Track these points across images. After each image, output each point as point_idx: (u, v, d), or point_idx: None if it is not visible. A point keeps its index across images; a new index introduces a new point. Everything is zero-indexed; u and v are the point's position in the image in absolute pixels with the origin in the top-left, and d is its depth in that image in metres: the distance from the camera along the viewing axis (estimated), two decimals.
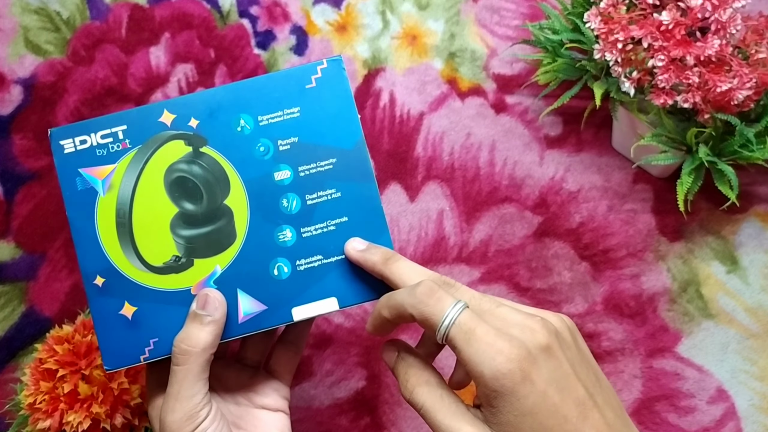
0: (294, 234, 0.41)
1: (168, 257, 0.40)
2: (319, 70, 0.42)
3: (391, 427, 0.56)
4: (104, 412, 0.46)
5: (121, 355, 0.40)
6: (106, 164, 0.41)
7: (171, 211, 0.41)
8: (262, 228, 0.41)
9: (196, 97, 0.42)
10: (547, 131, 0.62)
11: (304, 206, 0.41)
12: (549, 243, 0.59)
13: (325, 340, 0.58)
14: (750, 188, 0.59)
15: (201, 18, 0.67)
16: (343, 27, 0.66)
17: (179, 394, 0.37)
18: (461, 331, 0.32)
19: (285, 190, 0.41)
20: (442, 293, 0.34)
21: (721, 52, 0.48)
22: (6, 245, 0.61)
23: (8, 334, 0.59)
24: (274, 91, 0.42)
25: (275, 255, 0.41)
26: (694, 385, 0.55)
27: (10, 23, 0.67)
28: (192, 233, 0.41)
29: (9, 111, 0.64)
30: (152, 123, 0.41)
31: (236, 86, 0.42)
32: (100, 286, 0.40)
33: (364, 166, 0.41)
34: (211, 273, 0.40)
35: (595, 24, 0.52)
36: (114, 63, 0.65)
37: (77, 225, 0.40)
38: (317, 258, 0.41)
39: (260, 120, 0.41)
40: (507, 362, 0.31)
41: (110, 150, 0.41)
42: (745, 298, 0.57)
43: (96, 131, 0.41)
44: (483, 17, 0.66)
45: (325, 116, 0.42)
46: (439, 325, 0.33)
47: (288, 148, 0.41)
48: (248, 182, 0.41)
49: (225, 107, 0.41)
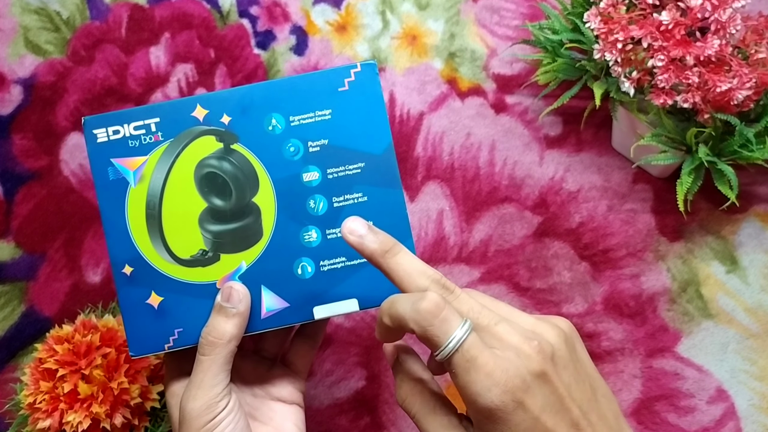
0: (319, 235, 0.41)
1: (195, 251, 0.41)
2: (352, 73, 0.42)
3: (390, 427, 0.56)
4: (104, 412, 0.46)
5: (147, 342, 0.41)
6: (138, 156, 0.41)
7: (200, 205, 0.41)
8: (289, 227, 0.41)
9: (229, 94, 0.42)
10: (547, 131, 0.62)
11: (330, 208, 0.41)
12: (549, 243, 0.59)
13: (325, 340, 0.58)
14: (750, 188, 0.59)
15: (201, 18, 0.67)
16: (343, 27, 0.66)
17: (202, 382, 0.38)
18: (464, 359, 0.31)
19: (313, 191, 0.42)
20: (448, 312, 0.32)
21: (720, 52, 0.48)
22: (6, 245, 0.61)
23: (8, 333, 0.59)
24: (306, 92, 0.42)
25: (300, 254, 0.41)
26: (693, 385, 0.55)
27: (10, 23, 0.67)
28: (220, 229, 0.41)
29: (9, 111, 0.64)
30: (185, 117, 0.41)
31: (269, 85, 0.42)
32: (128, 275, 0.41)
33: (391, 172, 0.42)
34: (236, 268, 0.41)
35: (595, 24, 0.52)
36: (114, 63, 0.65)
37: (108, 214, 0.41)
38: (341, 260, 0.41)
39: (291, 120, 0.42)
40: (502, 394, 0.31)
41: (143, 142, 0.41)
42: (744, 298, 0.57)
43: (129, 122, 0.41)
44: (483, 17, 0.66)
45: (355, 120, 0.42)
46: (443, 347, 0.32)
47: (318, 150, 0.42)
48: (277, 182, 0.41)
49: (257, 105, 0.42)
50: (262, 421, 0.43)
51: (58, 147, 0.63)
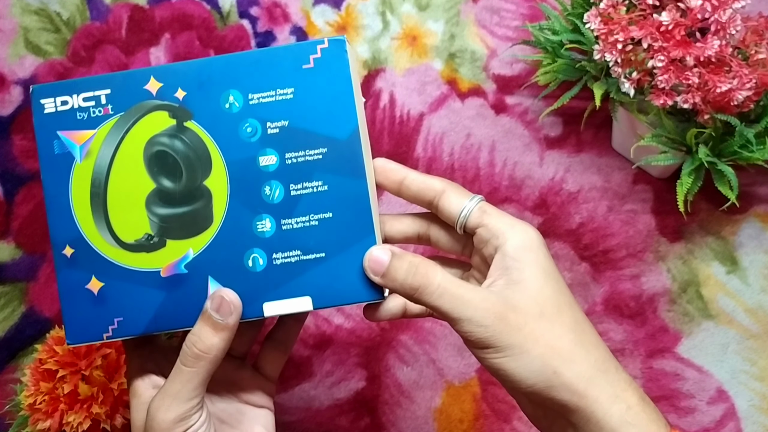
0: (273, 225, 0.38)
1: (140, 234, 0.38)
2: (319, 49, 0.38)
3: (390, 427, 0.56)
4: (104, 413, 0.46)
5: (84, 330, 0.38)
6: (86, 129, 0.38)
7: (148, 186, 0.38)
8: (241, 215, 0.38)
9: (185, 66, 0.38)
10: (547, 132, 0.62)
11: (287, 196, 0.38)
12: (549, 243, 0.59)
13: (325, 341, 0.58)
14: (750, 189, 0.59)
15: (201, 19, 0.67)
16: (343, 28, 0.66)
17: (179, 394, 0.36)
18: (489, 208, 0.38)
19: (269, 176, 0.38)
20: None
21: (720, 53, 0.48)
22: (6, 246, 0.61)
23: (8, 334, 0.59)
24: (268, 67, 0.38)
25: (252, 245, 0.38)
26: (694, 386, 0.55)
27: (10, 24, 0.67)
28: (167, 212, 0.38)
29: (9, 111, 0.64)
30: (137, 90, 0.38)
31: (229, 58, 0.39)
32: (68, 257, 0.38)
33: (355, 160, 0.38)
34: (183, 256, 0.38)
35: (595, 25, 0.52)
36: (114, 64, 0.65)
37: (50, 190, 0.38)
38: (295, 253, 0.38)
39: (250, 98, 0.38)
40: (532, 230, 0.37)
41: (91, 114, 0.38)
42: (745, 298, 0.57)
43: (78, 93, 0.38)
44: (483, 18, 0.66)
45: (319, 101, 0.38)
46: (469, 200, 0.39)
47: (276, 132, 0.38)
48: (231, 164, 0.38)
49: (215, 80, 0.38)
50: (230, 424, 0.41)
51: None
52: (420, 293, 0.35)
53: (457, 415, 0.56)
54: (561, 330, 0.35)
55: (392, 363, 0.57)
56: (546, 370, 0.34)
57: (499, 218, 0.37)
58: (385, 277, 0.36)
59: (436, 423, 0.56)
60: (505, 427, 0.55)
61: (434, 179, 0.39)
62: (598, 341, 0.36)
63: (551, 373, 0.34)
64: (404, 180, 0.39)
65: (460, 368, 0.57)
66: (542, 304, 0.35)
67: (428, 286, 0.35)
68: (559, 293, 0.36)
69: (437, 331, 0.58)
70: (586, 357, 0.35)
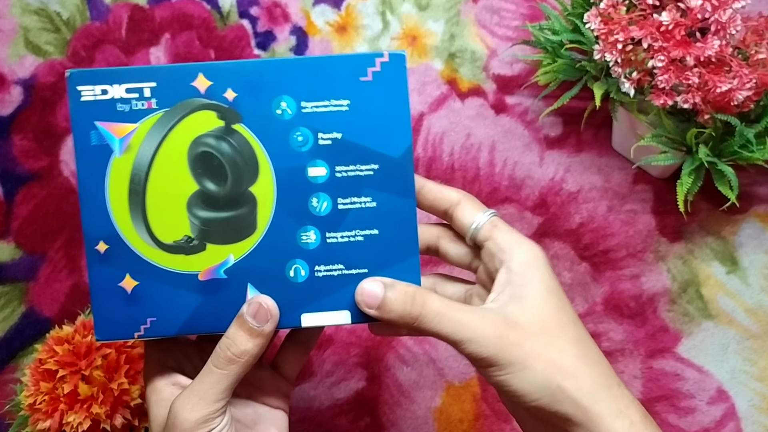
0: (318, 237, 0.37)
1: (180, 236, 0.37)
2: (378, 63, 0.37)
3: (391, 427, 0.56)
4: (104, 413, 0.46)
5: (115, 328, 0.37)
6: (127, 122, 0.37)
7: (191, 187, 0.37)
8: (286, 224, 0.37)
9: (237, 66, 0.37)
10: (547, 132, 0.62)
11: (334, 210, 0.37)
12: (549, 243, 0.59)
13: (325, 341, 0.58)
14: (750, 189, 0.59)
15: (201, 19, 0.67)
16: (343, 28, 0.66)
17: (206, 395, 0.36)
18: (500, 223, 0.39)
19: (317, 188, 0.37)
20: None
21: (720, 53, 0.48)
22: (6, 246, 0.61)
23: (8, 334, 0.59)
24: (324, 76, 0.37)
25: (294, 255, 0.37)
26: (694, 386, 0.55)
27: (11, 24, 0.67)
28: (210, 216, 0.37)
29: (9, 111, 0.64)
30: (184, 86, 0.37)
31: (284, 63, 0.37)
32: (101, 253, 0.37)
33: (406, 179, 0.38)
34: (223, 261, 0.37)
35: (595, 25, 0.52)
36: (114, 64, 0.65)
37: (85, 183, 0.37)
38: (338, 267, 0.38)
39: (303, 106, 0.37)
40: (538, 249, 0.38)
41: (133, 107, 0.37)
42: (745, 298, 0.57)
43: (120, 82, 0.36)
44: (483, 18, 0.66)
45: (375, 116, 0.37)
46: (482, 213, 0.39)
47: (328, 144, 0.37)
48: (279, 172, 0.37)
49: (267, 84, 0.37)
50: (246, 424, 0.41)
51: (58, 148, 0.63)
52: (419, 322, 0.35)
53: (457, 415, 0.56)
54: (563, 346, 0.35)
55: (392, 363, 0.57)
56: (550, 385, 0.34)
57: (508, 234, 0.38)
58: (381, 309, 0.36)
59: (436, 423, 0.56)
60: (505, 427, 0.55)
61: (451, 190, 0.40)
62: (600, 357, 0.36)
63: (555, 387, 0.34)
64: (422, 189, 0.40)
65: (460, 368, 0.57)
66: (544, 321, 0.36)
67: (426, 314, 0.35)
68: (562, 310, 0.36)
69: None
70: (590, 373, 0.35)
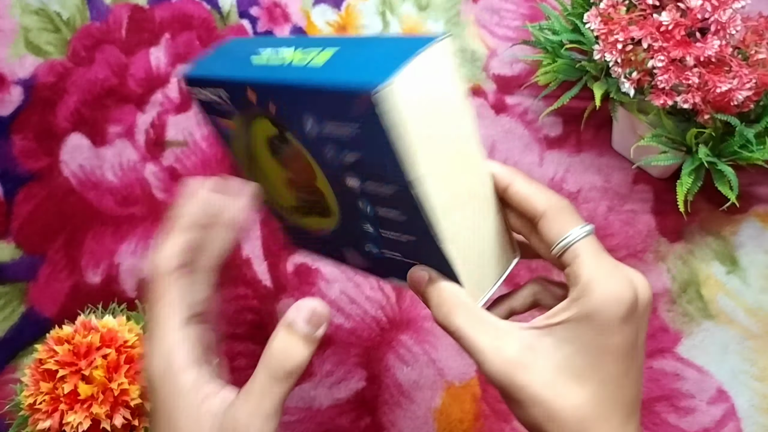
0: (374, 230, 0.38)
1: (288, 204, 0.43)
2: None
3: (391, 427, 0.56)
4: (104, 413, 0.46)
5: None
6: (226, 118, 0.40)
7: (282, 171, 0.41)
8: (350, 214, 0.39)
9: (271, 83, 0.36)
10: (547, 132, 0.62)
11: (375, 214, 0.37)
12: None
13: (325, 341, 0.58)
14: (750, 189, 0.59)
15: (201, 19, 0.67)
16: (343, 28, 0.66)
17: (272, 411, 0.33)
18: (591, 243, 0.33)
19: (358, 194, 0.37)
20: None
21: (720, 53, 0.48)
22: (6, 246, 0.61)
23: (8, 334, 0.59)
24: (333, 99, 0.34)
25: (365, 239, 0.39)
26: (694, 386, 0.55)
27: (11, 24, 0.67)
28: (299, 196, 0.42)
29: (9, 112, 0.64)
30: (243, 95, 0.38)
31: (299, 84, 0.35)
32: None
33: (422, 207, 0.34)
34: (325, 227, 0.42)
35: (595, 25, 0.52)
36: (114, 64, 0.65)
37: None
38: (397, 254, 0.38)
39: (323, 126, 0.35)
40: (627, 291, 0.31)
41: (224, 107, 0.40)
42: (745, 298, 0.57)
43: (203, 87, 0.40)
44: (483, 18, 0.66)
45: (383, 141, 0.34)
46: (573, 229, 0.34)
47: (352, 161, 0.36)
48: (329, 176, 0.38)
49: (293, 102, 0.36)
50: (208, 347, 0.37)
51: (58, 148, 0.63)
52: (448, 331, 0.35)
53: (457, 415, 0.56)
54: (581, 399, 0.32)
55: (392, 363, 0.57)
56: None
57: (594, 265, 0.32)
58: (423, 296, 0.37)
59: (436, 423, 0.56)
60: (505, 427, 0.55)
61: (539, 195, 0.36)
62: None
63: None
64: (508, 188, 0.36)
65: (460, 368, 0.57)
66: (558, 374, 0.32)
67: (448, 326, 0.34)
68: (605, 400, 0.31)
69: (437, 331, 0.58)
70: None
